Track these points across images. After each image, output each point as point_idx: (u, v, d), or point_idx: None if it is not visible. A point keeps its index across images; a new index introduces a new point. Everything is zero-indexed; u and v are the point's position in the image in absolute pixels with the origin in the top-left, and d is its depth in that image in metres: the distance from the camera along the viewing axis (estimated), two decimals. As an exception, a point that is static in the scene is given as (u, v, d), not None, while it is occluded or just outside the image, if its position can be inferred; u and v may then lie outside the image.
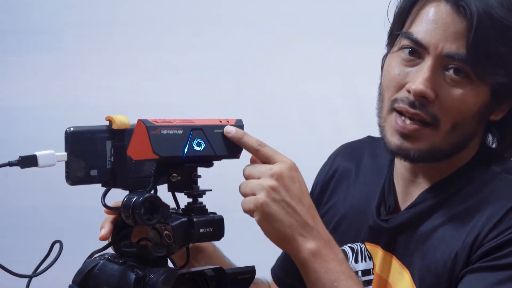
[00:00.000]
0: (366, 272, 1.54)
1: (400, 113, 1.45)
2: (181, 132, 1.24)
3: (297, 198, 1.33)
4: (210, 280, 1.29)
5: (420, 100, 1.42)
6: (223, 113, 1.35)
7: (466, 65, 1.41)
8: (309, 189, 1.41)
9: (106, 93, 2.74)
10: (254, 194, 1.31)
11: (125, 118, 1.32)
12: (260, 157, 1.33)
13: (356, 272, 1.54)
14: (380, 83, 1.52)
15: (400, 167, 1.53)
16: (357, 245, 1.57)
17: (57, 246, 1.31)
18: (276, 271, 1.75)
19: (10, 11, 2.81)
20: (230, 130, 1.31)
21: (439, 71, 1.43)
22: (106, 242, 1.35)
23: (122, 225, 1.35)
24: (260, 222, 1.32)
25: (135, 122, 1.25)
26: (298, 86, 2.66)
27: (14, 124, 2.78)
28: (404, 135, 1.45)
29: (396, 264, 1.49)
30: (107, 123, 1.32)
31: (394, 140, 1.46)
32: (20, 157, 1.26)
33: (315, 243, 1.34)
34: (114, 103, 2.70)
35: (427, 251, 1.45)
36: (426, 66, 1.43)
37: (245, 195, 1.33)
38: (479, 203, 1.43)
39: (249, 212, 1.32)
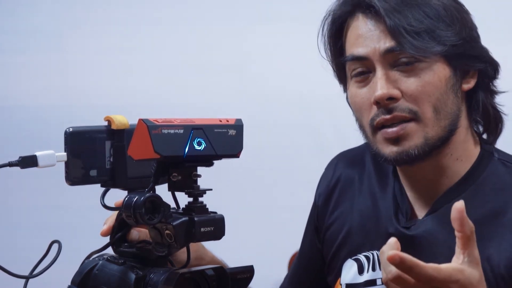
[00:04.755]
0: None
1: (383, 126, 1.47)
2: (182, 131, 1.24)
3: None
4: (210, 280, 1.29)
5: (389, 103, 1.45)
6: (223, 112, 1.34)
7: (407, 51, 1.44)
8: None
9: (105, 93, 2.74)
10: None
11: (124, 118, 1.32)
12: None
13: (375, 280, 1.54)
14: (355, 117, 1.55)
15: (410, 174, 1.53)
16: (373, 253, 1.56)
17: (55, 246, 1.31)
18: None
19: (10, 11, 2.80)
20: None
21: (391, 71, 1.47)
22: (104, 242, 1.35)
23: (120, 226, 1.35)
24: None
25: (134, 122, 1.25)
26: (299, 86, 2.65)
27: (14, 124, 2.78)
28: (394, 139, 1.46)
29: None
30: (106, 123, 1.32)
31: (388, 150, 1.47)
32: (20, 157, 1.26)
33: None
34: (113, 103, 2.70)
35: None
36: (378, 73, 1.47)
37: None
38: (505, 204, 1.46)
39: None
